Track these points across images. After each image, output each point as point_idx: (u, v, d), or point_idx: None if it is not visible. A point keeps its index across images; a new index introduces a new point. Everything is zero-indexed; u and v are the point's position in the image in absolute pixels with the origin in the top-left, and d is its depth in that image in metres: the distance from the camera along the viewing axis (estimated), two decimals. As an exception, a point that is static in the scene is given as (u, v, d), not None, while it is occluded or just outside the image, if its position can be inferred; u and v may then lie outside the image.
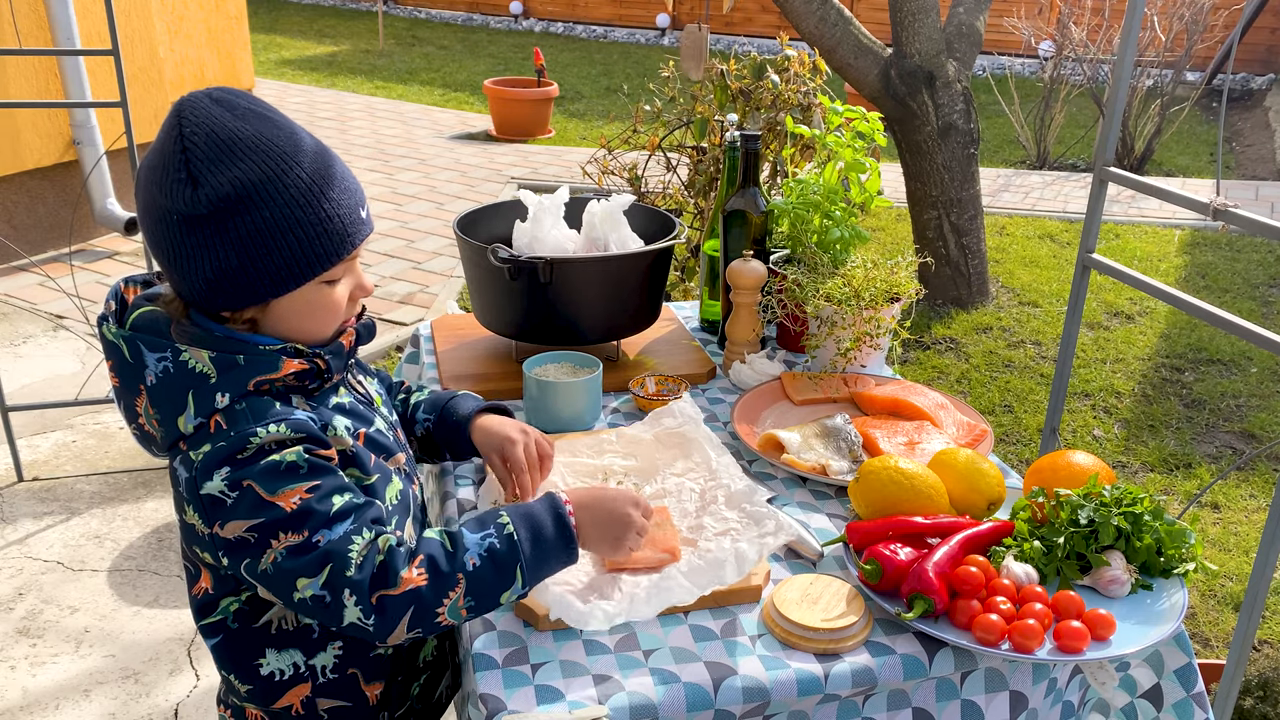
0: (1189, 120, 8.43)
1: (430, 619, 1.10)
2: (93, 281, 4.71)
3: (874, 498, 1.38)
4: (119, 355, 1.14)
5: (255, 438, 1.09)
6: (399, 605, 1.08)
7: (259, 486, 1.08)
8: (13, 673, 2.47)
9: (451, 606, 1.11)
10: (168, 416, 1.12)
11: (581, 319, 1.81)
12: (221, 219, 1.07)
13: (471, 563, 1.12)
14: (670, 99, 3.87)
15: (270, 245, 1.09)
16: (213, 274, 1.10)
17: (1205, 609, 2.78)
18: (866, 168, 2.01)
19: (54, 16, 4.58)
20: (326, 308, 1.18)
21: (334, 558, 1.08)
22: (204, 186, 1.06)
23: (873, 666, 1.19)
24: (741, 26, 12.18)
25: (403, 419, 1.49)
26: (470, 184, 6.64)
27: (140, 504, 3.14)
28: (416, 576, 1.09)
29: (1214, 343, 4.39)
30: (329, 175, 1.13)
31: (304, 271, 1.13)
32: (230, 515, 1.09)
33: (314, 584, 1.08)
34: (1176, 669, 1.33)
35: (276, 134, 1.11)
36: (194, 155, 1.06)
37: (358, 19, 13.56)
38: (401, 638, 1.11)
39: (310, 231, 1.11)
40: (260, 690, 1.26)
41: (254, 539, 1.09)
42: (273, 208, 1.09)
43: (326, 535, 1.09)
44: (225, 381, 1.11)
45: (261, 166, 1.08)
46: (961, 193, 4.51)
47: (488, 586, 1.12)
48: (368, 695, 1.30)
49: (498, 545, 1.13)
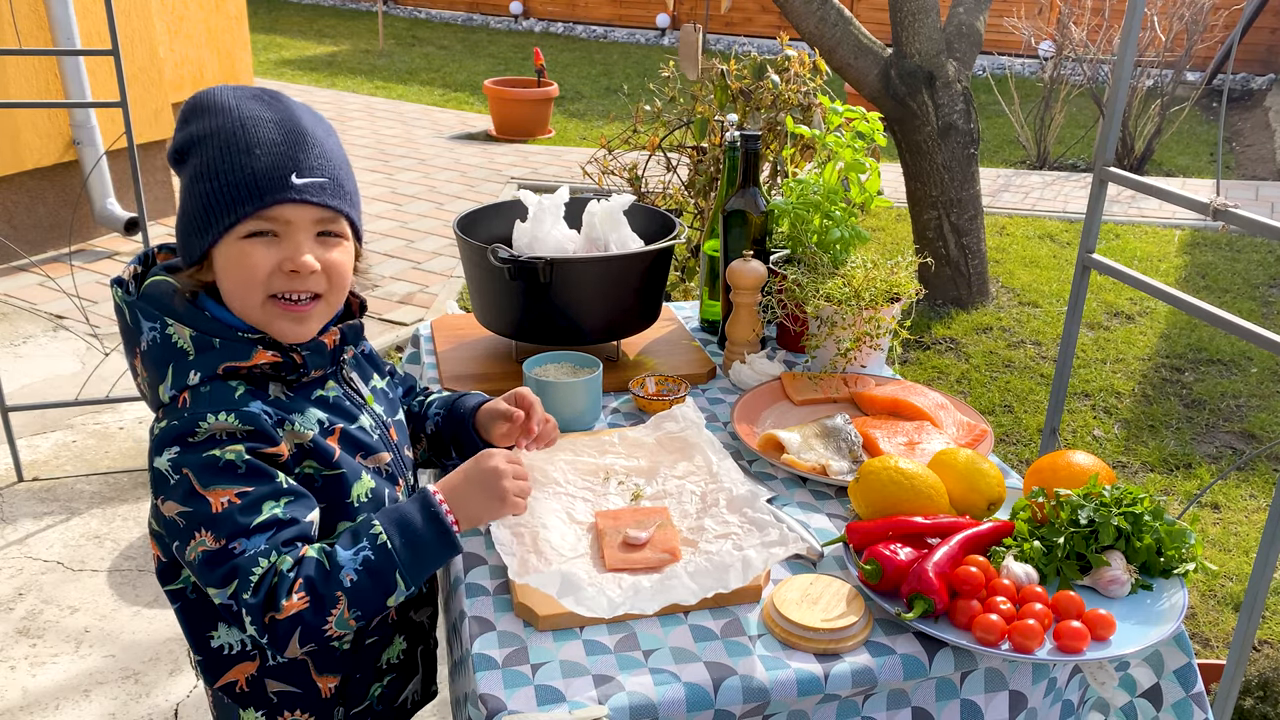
0: (1189, 120, 8.43)
1: (320, 634, 1.16)
2: (93, 281, 4.71)
3: (874, 498, 1.38)
4: (122, 317, 1.22)
5: (204, 422, 1.15)
6: (286, 627, 1.14)
7: (194, 477, 1.14)
8: (13, 673, 2.47)
9: (338, 619, 1.16)
10: (152, 381, 1.20)
11: (581, 319, 1.81)
12: (178, 166, 1.20)
13: (349, 579, 1.16)
14: (670, 99, 3.87)
15: (197, 189, 1.17)
16: (177, 219, 1.22)
17: (1205, 609, 2.78)
18: (866, 168, 2.01)
19: (54, 16, 4.58)
20: (245, 267, 1.17)
21: (238, 575, 1.13)
22: (175, 137, 1.21)
23: (873, 666, 1.19)
24: (741, 26, 12.18)
25: (417, 417, 1.53)
26: (470, 184, 6.64)
27: (140, 504, 3.14)
28: (298, 602, 1.14)
29: (1214, 343, 4.39)
30: (262, 136, 1.16)
31: (218, 217, 1.16)
32: (169, 494, 1.16)
33: (222, 594, 1.14)
34: (1176, 669, 1.33)
35: (246, 102, 1.18)
36: (181, 115, 1.21)
37: (358, 19, 13.56)
38: (297, 652, 1.16)
39: (225, 180, 1.15)
40: (209, 662, 1.31)
41: (182, 524, 1.15)
42: (204, 154, 1.16)
43: (242, 545, 1.14)
44: (199, 361, 1.18)
45: (207, 121, 1.17)
46: (961, 193, 4.51)
47: (369, 596, 1.17)
48: (320, 686, 1.33)
49: (372, 557, 1.17)
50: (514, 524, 1.36)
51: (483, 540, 1.38)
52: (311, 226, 1.19)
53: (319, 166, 1.19)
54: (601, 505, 1.44)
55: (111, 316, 4.35)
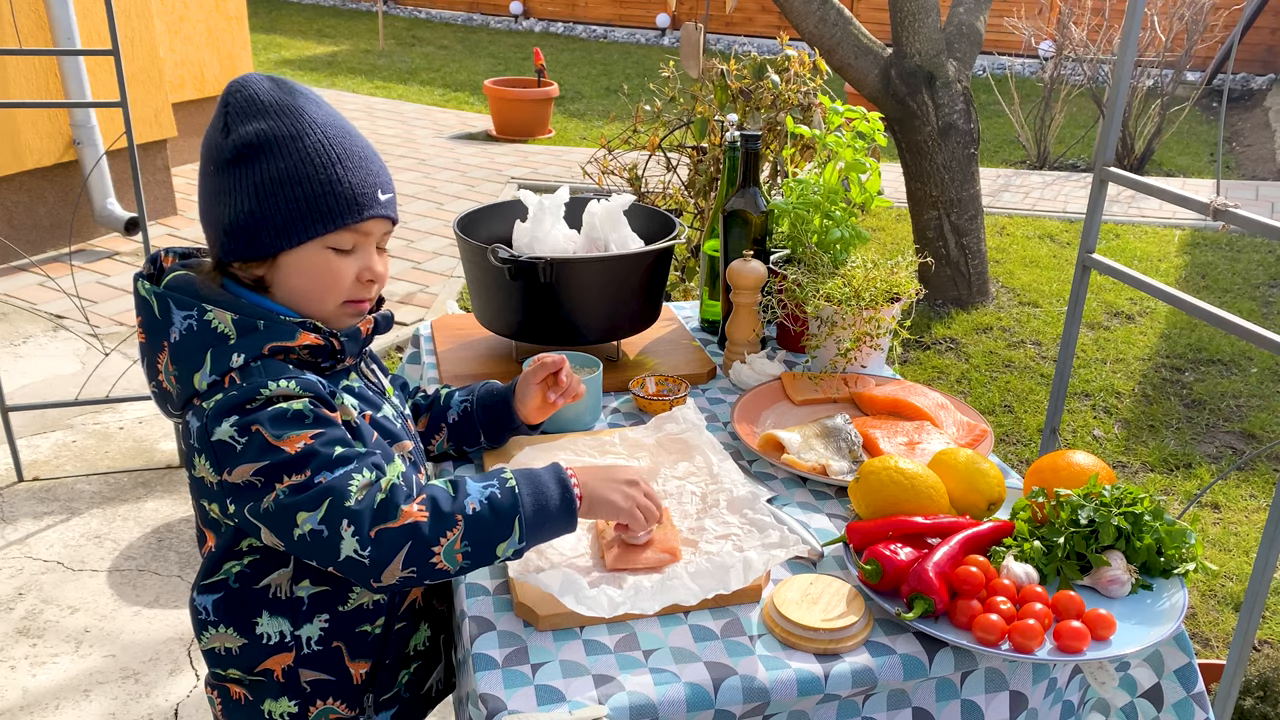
0: (1189, 120, 8.43)
1: (426, 558, 1.13)
2: (93, 281, 4.71)
3: (874, 498, 1.38)
4: (148, 311, 1.21)
5: (265, 389, 1.15)
6: (396, 539, 1.11)
7: (266, 430, 1.13)
8: (13, 673, 2.47)
9: (448, 548, 1.14)
10: (185, 373, 1.18)
11: (581, 319, 1.81)
12: (240, 164, 1.18)
13: (472, 507, 1.16)
14: (670, 99, 3.87)
15: (280, 194, 1.17)
16: (230, 218, 1.18)
17: (1205, 609, 2.78)
18: (866, 168, 2.01)
19: (54, 16, 4.58)
20: (329, 275, 1.23)
21: (333, 492, 1.12)
22: (231, 134, 1.18)
23: (873, 666, 1.19)
24: (741, 26, 12.18)
25: (429, 409, 1.56)
26: (470, 184, 6.64)
27: (140, 504, 3.14)
28: (417, 511, 1.13)
29: (1214, 343, 4.39)
30: (347, 148, 1.21)
31: (310, 226, 1.19)
32: (238, 460, 1.14)
33: (313, 518, 1.12)
34: (1177, 669, 1.33)
35: (308, 105, 1.21)
36: (231, 109, 1.19)
37: (358, 19, 13.56)
38: (396, 575, 1.13)
39: (322, 189, 1.19)
40: (249, 648, 1.30)
41: (260, 482, 1.13)
42: (287, 160, 1.18)
43: (328, 476, 1.13)
44: (243, 343, 1.17)
45: (284, 124, 1.18)
46: (961, 193, 4.51)
47: (486, 534, 1.16)
48: (352, 672, 1.33)
49: (499, 495, 1.18)
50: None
51: (483, 540, 1.38)
52: (381, 238, 1.27)
53: (390, 181, 1.27)
54: (601, 505, 1.44)
55: (112, 316, 4.35)
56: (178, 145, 6.17)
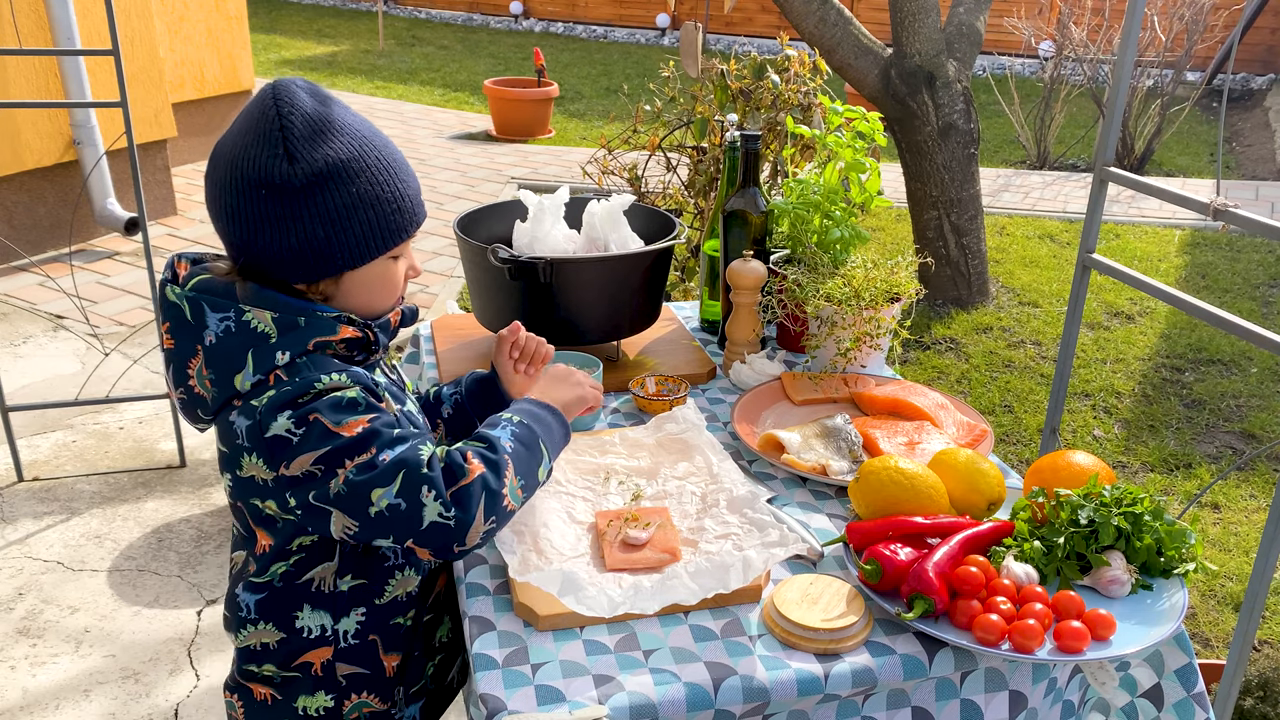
0: (1189, 120, 8.43)
1: (498, 503, 1.19)
2: (93, 281, 4.71)
3: (874, 498, 1.38)
4: (178, 316, 1.20)
5: (318, 383, 1.16)
6: (472, 494, 1.16)
7: (325, 418, 1.15)
8: (13, 673, 2.47)
9: (510, 488, 1.21)
10: (223, 375, 1.17)
11: (581, 319, 1.81)
12: (312, 192, 1.17)
13: (509, 446, 1.24)
14: (670, 99, 3.87)
15: (354, 218, 1.19)
16: (298, 244, 1.18)
17: (1205, 609, 2.78)
18: (866, 168, 2.01)
19: (54, 16, 4.58)
20: (391, 282, 1.28)
21: (406, 464, 1.15)
22: (299, 162, 1.16)
23: (873, 666, 1.19)
24: (741, 26, 12.18)
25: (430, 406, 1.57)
26: (470, 184, 6.64)
27: (140, 504, 3.14)
28: (478, 464, 1.19)
29: (1214, 343, 4.39)
30: (395, 158, 1.25)
31: (381, 244, 1.22)
32: (297, 451, 1.15)
33: (389, 492, 1.14)
34: (1177, 669, 1.33)
35: (356, 120, 1.23)
36: (291, 134, 1.16)
37: (358, 19, 13.56)
38: (480, 531, 1.17)
39: (389, 207, 1.22)
40: (287, 643, 1.30)
41: (321, 471, 1.15)
42: (359, 183, 1.19)
43: (391, 453, 1.16)
44: (285, 341, 1.18)
45: (349, 146, 1.19)
46: (961, 193, 4.51)
47: (527, 464, 1.25)
48: (385, 665, 1.34)
49: (517, 430, 1.27)
50: (515, 523, 1.36)
51: (483, 540, 1.38)
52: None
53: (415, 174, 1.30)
54: (602, 505, 1.45)
55: (112, 316, 4.35)
56: (178, 145, 6.17)
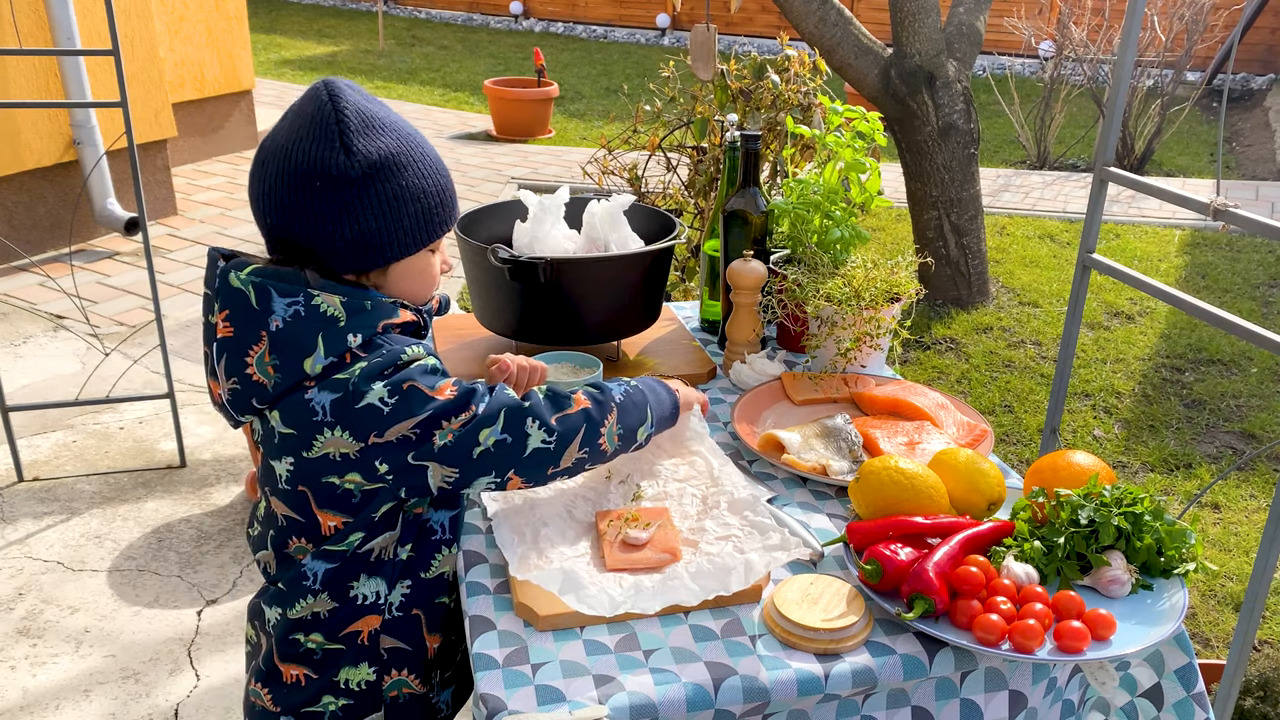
0: (1189, 120, 8.43)
1: (595, 439, 1.29)
2: (93, 281, 4.71)
3: (874, 498, 1.38)
4: (242, 302, 1.20)
5: (405, 354, 1.22)
6: (575, 422, 1.27)
7: (420, 384, 1.20)
8: (13, 673, 2.47)
9: (609, 430, 1.31)
10: (291, 360, 1.19)
11: (581, 319, 1.81)
12: (367, 184, 1.21)
13: (618, 397, 1.34)
14: (670, 99, 3.87)
15: (404, 210, 1.24)
16: (353, 235, 1.22)
17: (1205, 609, 2.78)
18: (866, 168, 2.01)
19: (54, 16, 4.58)
20: (430, 274, 1.35)
21: (506, 404, 1.24)
22: (356, 154, 1.21)
23: (873, 666, 1.19)
24: (741, 26, 12.18)
25: None
26: (470, 184, 6.64)
27: (140, 504, 3.14)
28: (584, 399, 1.30)
29: (1214, 343, 4.39)
30: (437, 155, 1.31)
31: (428, 234, 1.28)
32: (392, 420, 1.19)
33: (495, 429, 1.23)
34: (1177, 669, 1.33)
35: (399, 117, 1.28)
36: (347, 127, 1.21)
37: (358, 19, 13.56)
38: (571, 458, 1.28)
39: (435, 200, 1.28)
40: (340, 611, 1.31)
41: (418, 434, 1.20)
42: (409, 175, 1.24)
43: (485, 402, 1.24)
44: (355, 323, 1.21)
45: (400, 140, 1.24)
46: (961, 193, 4.51)
47: (630, 417, 1.35)
48: (428, 645, 1.37)
49: (630, 390, 1.37)
50: (515, 522, 1.36)
51: (483, 538, 1.38)
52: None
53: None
54: (602, 505, 1.45)
55: (112, 316, 4.35)
56: (178, 145, 6.17)
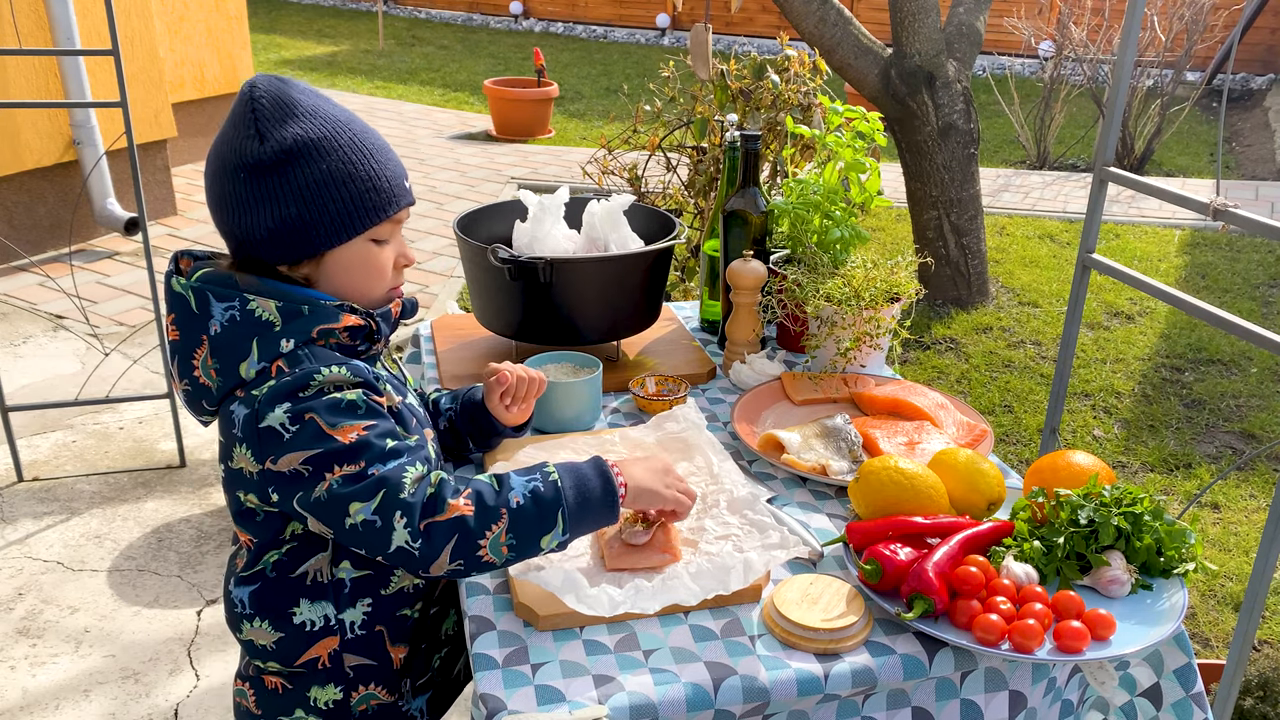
0: (1189, 120, 8.43)
1: (473, 550, 1.16)
2: (93, 281, 4.71)
3: (874, 498, 1.38)
4: (184, 307, 1.21)
5: (318, 376, 1.17)
6: (444, 532, 1.15)
7: (321, 418, 1.15)
8: (13, 673, 2.47)
9: (493, 541, 1.16)
10: (228, 364, 1.19)
11: (581, 319, 1.81)
12: (283, 169, 1.19)
13: (516, 500, 1.18)
14: (670, 99, 3.87)
15: (327, 195, 1.21)
16: (274, 223, 1.20)
17: (1205, 609, 2.78)
18: (866, 168, 2.01)
19: (54, 16, 4.58)
20: (375, 267, 1.28)
21: (387, 484, 1.15)
22: (269, 141, 1.19)
23: (873, 666, 1.19)
24: (742, 26, 12.18)
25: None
26: (470, 184, 6.64)
27: (140, 504, 3.14)
28: (463, 505, 1.16)
29: (1214, 343, 4.39)
30: (374, 142, 1.26)
31: (356, 224, 1.23)
32: (287, 449, 1.15)
33: (366, 509, 1.14)
34: (1176, 669, 1.33)
35: (330, 106, 1.25)
36: (261, 115, 1.19)
37: (358, 19, 13.56)
38: (444, 568, 1.16)
39: (362, 186, 1.23)
40: (289, 640, 1.29)
41: (309, 471, 1.15)
42: (329, 161, 1.21)
43: (381, 468, 1.16)
44: (290, 329, 1.19)
45: (319, 126, 1.21)
46: (961, 193, 4.51)
47: (529, 526, 1.18)
48: (392, 657, 1.35)
49: (541, 489, 1.20)
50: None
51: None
52: (403, 225, 1.32)
53: (401, 164, 1.31)
54: (601, 505, 1.44)
55: (112, 316, 4.35)
56: (178, 145, 6.17)
